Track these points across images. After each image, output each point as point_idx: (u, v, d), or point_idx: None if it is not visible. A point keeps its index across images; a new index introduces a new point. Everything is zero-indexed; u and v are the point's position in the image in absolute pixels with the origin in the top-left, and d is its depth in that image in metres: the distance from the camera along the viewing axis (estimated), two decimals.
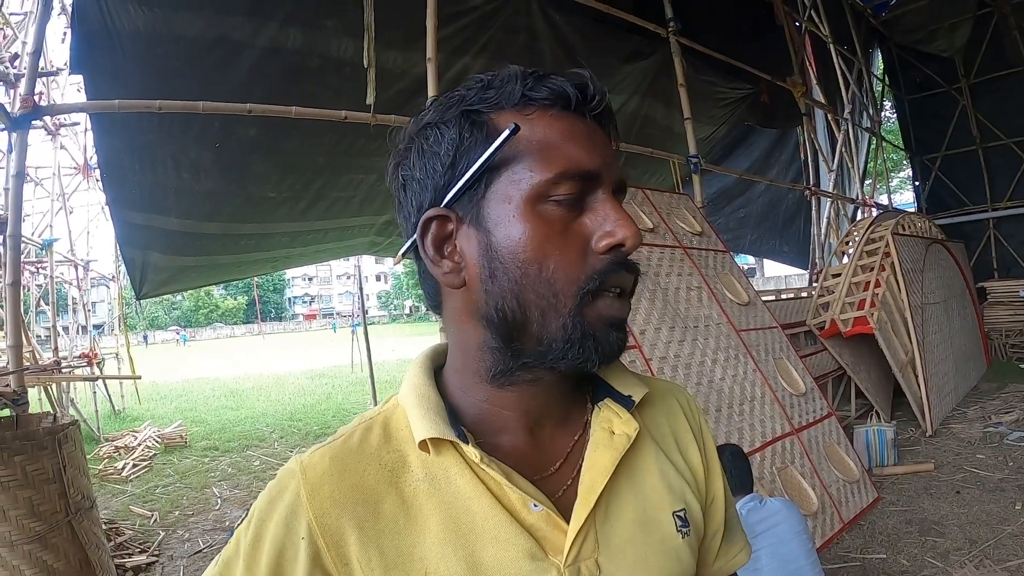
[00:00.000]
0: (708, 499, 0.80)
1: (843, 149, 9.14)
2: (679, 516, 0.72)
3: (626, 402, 0.72)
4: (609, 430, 0.70)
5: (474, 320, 0.66)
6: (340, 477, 0.64)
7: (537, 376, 0.66)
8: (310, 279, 76.90)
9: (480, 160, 0.62)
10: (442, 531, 0.63)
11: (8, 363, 3.32)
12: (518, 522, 0.64)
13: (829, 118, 9.22)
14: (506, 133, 0.61)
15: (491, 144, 0.61)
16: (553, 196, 0.62)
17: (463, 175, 0.63)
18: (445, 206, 0.65)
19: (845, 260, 7.58)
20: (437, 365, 0.75)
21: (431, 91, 3.78)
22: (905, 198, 20.13)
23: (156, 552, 4.57)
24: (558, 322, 0.62)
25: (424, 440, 0.65)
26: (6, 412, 3.19)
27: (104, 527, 4.54)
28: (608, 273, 0.62)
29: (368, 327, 11.18)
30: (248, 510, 0.67)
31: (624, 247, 0.62)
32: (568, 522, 0.64)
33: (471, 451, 0.64)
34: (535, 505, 0.64)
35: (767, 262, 28.33)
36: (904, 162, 16.77)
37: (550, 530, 0.64)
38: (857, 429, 5.31)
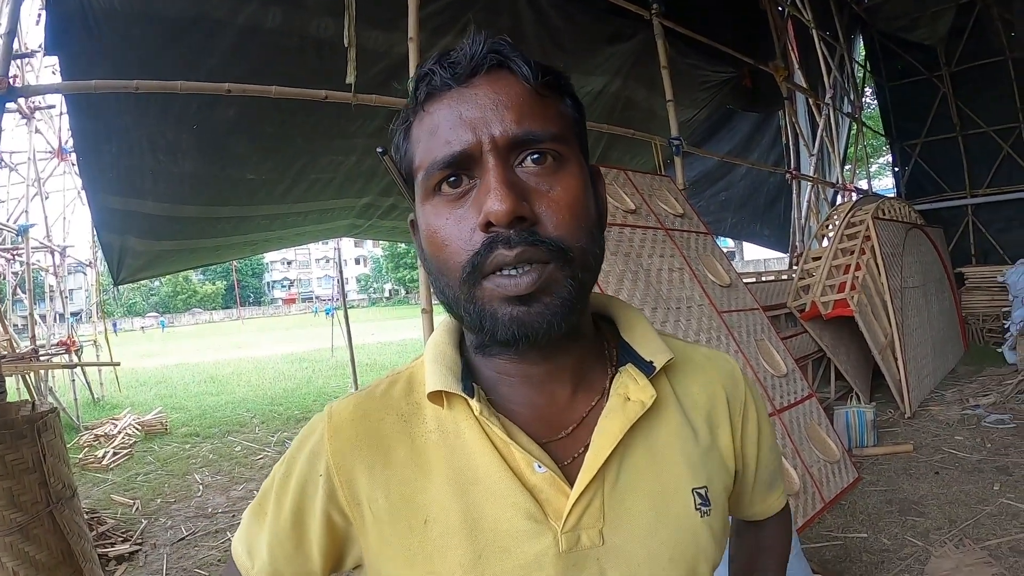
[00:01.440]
0: (744, 464, 0.80)
1: (824, 134, 9.19)
2: (699, 493, 0.70)
3: (647, 368, 0.70)
4: (624, 396, 0.69)
5: None
6: (360, 423, 0.69)
7: (502, 348, 0.66)
8: (289, 263, 76.73)
9: (399, 174, 0.69)
10: (446, 482, 0.65)
11: None
12: (521, 482, 0.64)
13: (811, 103, 9.26)
14: (402, 146, 0.67)
15: (407, 151, 0.66)
16: (436, 188, 0.62)
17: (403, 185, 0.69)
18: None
19: (825, 243, 7.62)
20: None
21: (412, 71, 3.74)
22: (884, 184, 20.30)
23: (139, 540, 4.52)
24: (461, 307, 0.63)
25: (434, 392, 0.67)
26: None
27: (86, 517, 4.51)
28: (480, 255, 0.59)
29: (348, 311, 11.16)
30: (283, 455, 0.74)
31: (492, 224, 0.58)
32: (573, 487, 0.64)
33: (475, 404, 0.65)
34: (539, 466, 0.64)
35: (747, 245, 28.53)
36: (884, 148, 16.93)
37: (553, 493, 0.64)
38: (837, 410, 5.36)
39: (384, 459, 0.67)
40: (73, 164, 8.86)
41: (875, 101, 13.81)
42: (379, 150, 0.68)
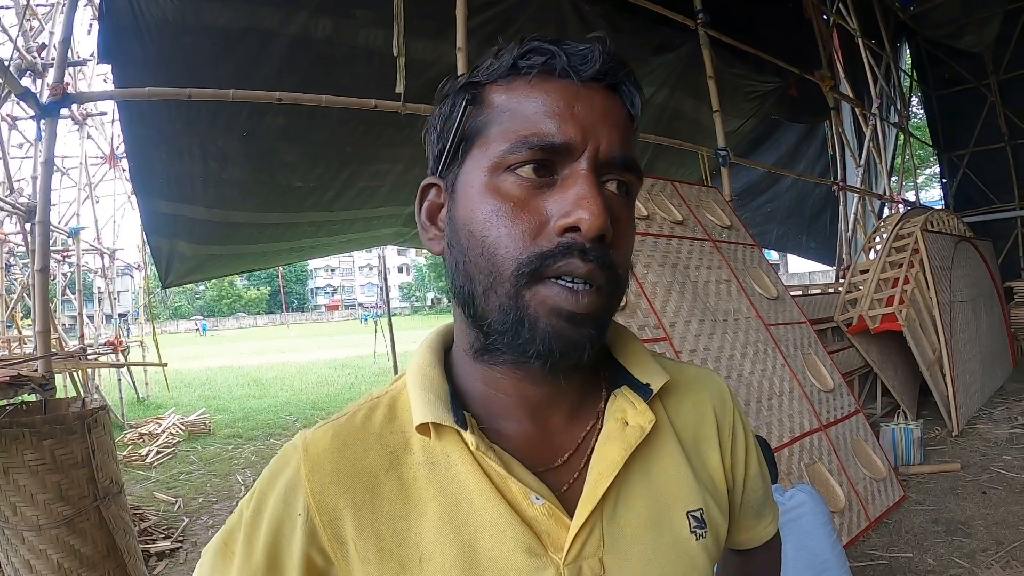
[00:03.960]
0: (733, 485, 0.77)
1: (870, 144, 9.04)
2: (694, 516, 0.68)
3: (643, 391, 0.68)
4: (622, 421, 0.67)
5: (451, 290, 0.65)
6: (341, 455, 0.64)
7: (515, 359, 0.62)
8: (332, 270, 77.53)
9: (451, 132, 0.63)
10: (439, 518, 0.61)
11: (36, 349, 3.34)
12: (518, 514, 0.61)
13: (857, 113, 9.12)
14: (461, 106, 0.62)
15: (476, 115, 0.62)
16: (512, 167, 0.58)
17: (446, 146, 0.64)
18: (438, 175, 0.66)
19: (872, 256, 7.49)
20: (447, 345, 0.72)
21: None
22: (932, 195, 19.90)
23: (180, 538, 4.59)
24: (495, 302, 0.59)
25: (422, 424, 0.63)
26: (33, 397, 3.21)
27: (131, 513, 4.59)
28: (551, 257, 0.56)
29: (391, 318, 11.18)
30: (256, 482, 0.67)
31: (580, 230, 0.56)
32: (572, 517, 0.62)
33: (470, 438, 0.62)
34: (537, 498, 0.61)
35: (791, 258, 28.11)
36: (931, 158, 16.58)
37: (552, 525, 0.62)
38: (883, 427, 5.25)
39: (371, 495, 0.62)
40: (124, 169, 9.09)
41: (922, 110, 13.56)
42: (466, 97, 0.62)
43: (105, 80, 9.13)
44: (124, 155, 7.19)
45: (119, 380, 9.50)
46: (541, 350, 0.57)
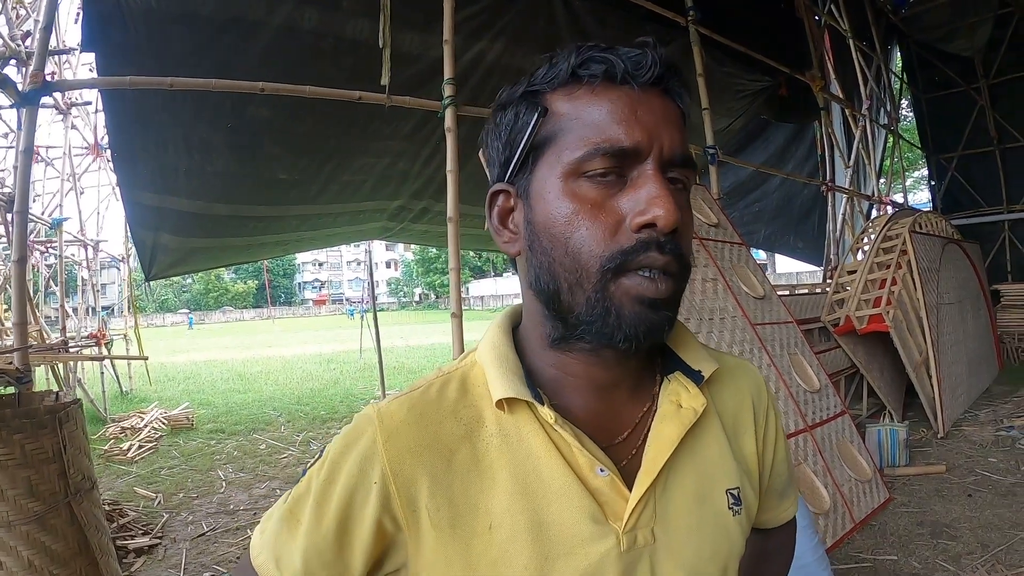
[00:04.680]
0: (764, 472, 0.83)
1: (860, 145, 9.06)
2: (732, 494, 0.74)
3: (695, 376, 0.74)
4: (677, 403, 0.72)
5: (529, 288, 0.70)
6: (417, 427, 0.67)
7: (595, 346, 0.66)
8: (320, 264, 77.63)
9: (523, 140, 0.66)
10: (510, 487, 0.65)
11: (13, 341, 3.29)
12: (584, 484, 0.66)
13: (847, 114, 9.13)
14: (534, 118, 0.65)
15: (544, 123, 0.65)
16: (587, 173, 0.62)
17: (515, 153, 0.67)
18: (507, 181, 0.69)
19: (860, 257, 7.50)
20: (515, 324, 0.77)
21: (447, 74, 3.72)
22: (920, 197, 20.03)
23: (159, 534, 4.53)
24: (582, 296, 0.63)
25: (501, 399, 0.67)
26: (10, 390, 3.16)
27: (108, 508, 4.53)
28: (633, 252, 0.61)
29: (377, 313, 11.18)
30: (322, 451, 0.70)
31: (656, 226, 0.60)
32: (630, 490, 0.67)
33: (546, 412, 0.66)
34: (601, 470, 0.66)
35: (779, 257, 28.24)
36: (920, 161, 16.67)
37: (613, 496, 0.66)
38: (869, 428, 5.26)
39: (446, 465, 0.66)
40: (108, 160, 8.98)
41: (911, 113, 13.63)
42: (540, 108, 0.65)
43: (90, 69, 9.02)
44: (108, 146, 7.10)
45: (102, 374, 9.44)
46: (629, 334, 0.62)
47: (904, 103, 13.18)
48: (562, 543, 0.64)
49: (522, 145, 0.66)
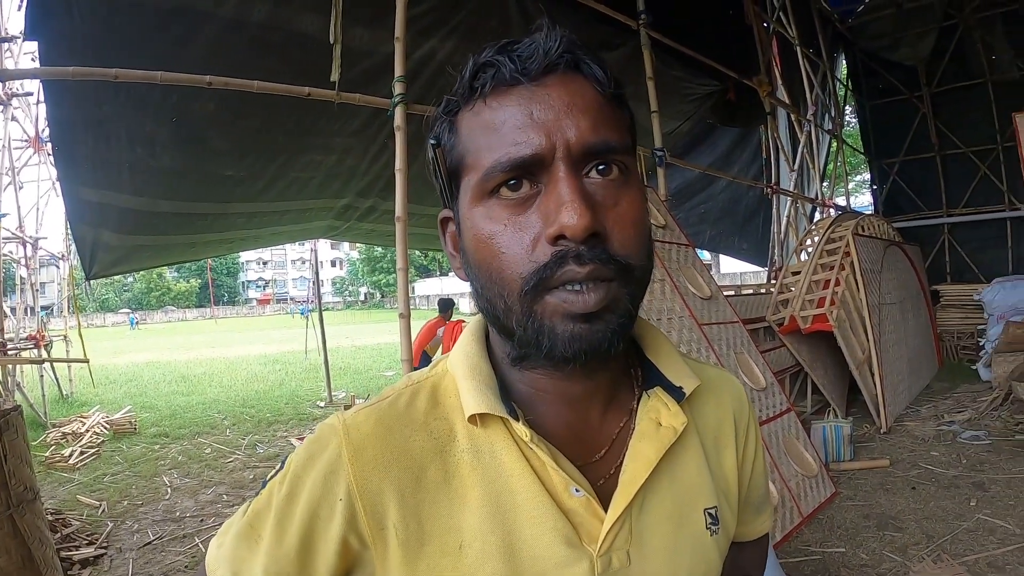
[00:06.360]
0: (743, 487, 0.80)
1: (804, 150, 9.26)
2: (710, 513, 0.71)
3: (676, 393, 0.70)
4: (656, 421, 0.68)
5: (481, 312, 0.67)
6: (385, 440, 0.64)
7: (557, 363, 0.63)
8: (264, 263, 76.40)
9: (439, 168, 0.63)
10: (482, 505, 0.62)
11: None
12: (558, 505, 0.63)
13: (792, 118, 9.33)
14: (429, 150, 0.62)
15: (455, 145, 0.62)
16: (494, 192, 0.58)
17: (440, 179, 0.64)
18: (447, 206, 0.67)
19: (803, 258, 7.66)
20: (488, 332, 0.72)
21: (398, 71, 3.69)
22: (862, 201, 20.56)
23: (104, 544, 4.42)
24: (514, 319, 0.59)
25: (474, 415, 0.64)
26: None
27: (51, 518, 4.38)
28: (548, 269, 0.56)
29: (322, 313, 11.08)
30: (283, 461, 0.67)
31: (564, 237, 0.55)
32: (606, 510, 0.64)
33: (521, 429, 0.63)
34: (577, 490, 0.63)
35: (723, 258, 28.55)
36: (862, 165, 17.13)
37: (587, 517, 0.63)
38: (814, 424, 5.37)
39: (415, 481, 0.63)
40: (49, 154, 8.70)
41: (855, 119, 13.97)
42: (431, 141, 0.61)
43: (33, 59, 8.75)
44: (49, 139, 6.89)
45: (41, 377, 9.14)
46: (567, 354, 0.58)
47: (848, 109, 13.49)
48: (534, 566, 0.61)
49: (440, 172, 0.63)
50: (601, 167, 0.58)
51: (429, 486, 0.63)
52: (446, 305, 7.89)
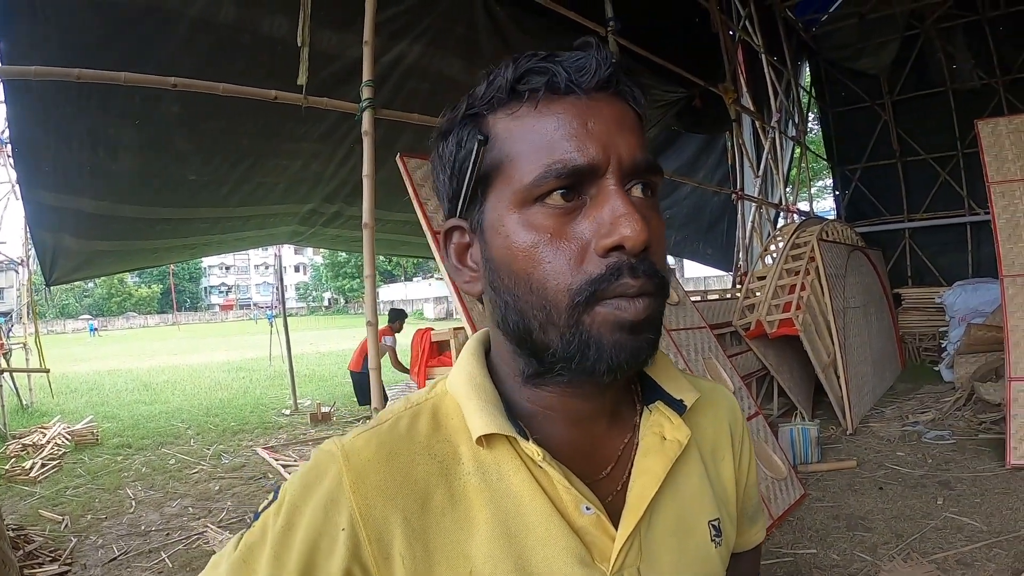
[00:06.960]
0: (739, 497, 0.80)
1: (769, 156, 9.39)
2: (713, 525, 0.71)
3: (678, 407, 0.70)
4: (660, 435, 0.68)
5: (497, 327, 0.65)
6: (388, 466, 0.61)
7: (572, 380, 0.61)
8: (227, 268, 75.49)
9: (468, 171, 0.60)
10: (491, 529, 0.60)
11: None
12: (569, 524, 0.61)
13: (757, 125, 9.45)
14: (475, 147, 0.59)
15: (488, 149, 0.60)
16: (541, 199, 0.57)
17: (463, 185, 0.61)
18: (460, 216, 0.64)
19: (768, 263, 7.75)
20: (487, 350, 0.71)
21: (366, 75, 3.65)
22: (824, 206, 20.91)
23: (69, 560, 4.31)
24: (556, 333, 0.58)
25: (481, 436, 0.62)
26: None
27: (12, 534, 4.26)
28: (604, 281, 0.55)
29: (287, 319, 10.97)
30: (277, 491, 0.62)
31: (625, 248, 0.55)
32: (616, 527, 0.62)
33: (532, 448, 0.61)
34: (587, 508, 0.61)
35: (688, 263, 28.86)
36: (825, 171, 17.40)
37: (599, 535, 0.62)
38: (782, 427, 5.43)
39: (421, 507, 0.60)
40: (8, 156, 8.49)
41: (818, 126, 14.21)
42: (479, 137, 0.58)
43: None
44: (9, 140, 6.73)
45: (0, 386, 8.91)
46: (612, 365, 0.57)
47: (812, 116, 13.73)
48: None
49: (468, 176, 0.60)
50: (642, 185, 0.59)
51: (435, 512, 0.60)
52: (396, 315, 8.18)
